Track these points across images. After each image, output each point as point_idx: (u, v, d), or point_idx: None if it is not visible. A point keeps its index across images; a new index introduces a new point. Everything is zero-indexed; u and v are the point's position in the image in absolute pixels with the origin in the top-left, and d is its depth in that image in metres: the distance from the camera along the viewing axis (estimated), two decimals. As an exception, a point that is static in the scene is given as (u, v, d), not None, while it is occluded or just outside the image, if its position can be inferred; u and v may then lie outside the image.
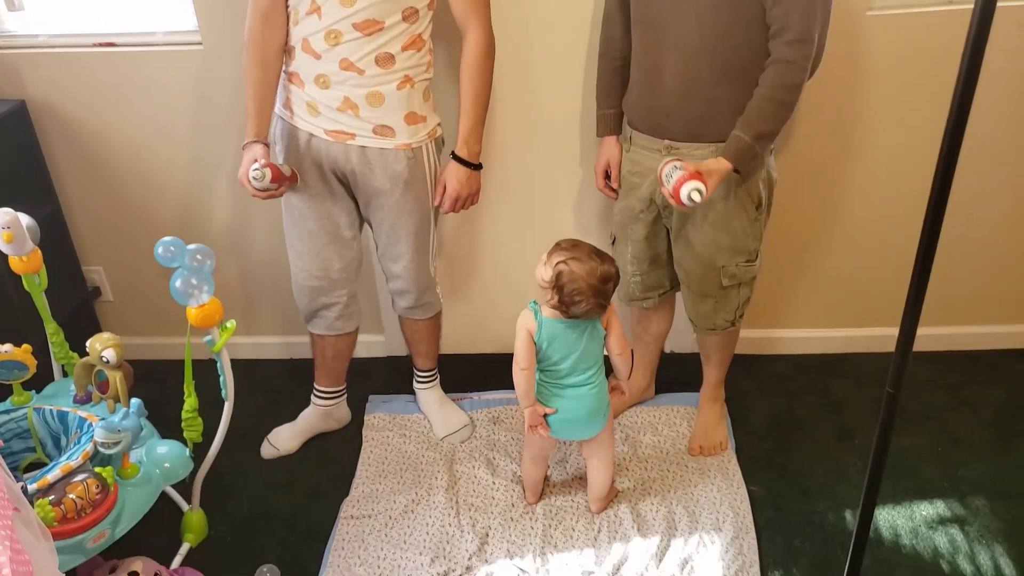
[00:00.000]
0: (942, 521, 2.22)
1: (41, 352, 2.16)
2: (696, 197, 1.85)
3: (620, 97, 2.23)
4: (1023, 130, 2.49)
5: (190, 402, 2.03)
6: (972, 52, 1.14)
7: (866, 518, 1.58)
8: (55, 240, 2.59)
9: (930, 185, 1.28)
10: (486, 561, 2.16)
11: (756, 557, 2.13)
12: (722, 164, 1.96)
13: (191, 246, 1.88)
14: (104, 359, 1.99)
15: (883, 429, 1.45)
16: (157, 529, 2.13)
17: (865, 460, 1.64)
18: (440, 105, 2.26)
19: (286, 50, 2.10)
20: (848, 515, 2.24)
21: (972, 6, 1.13)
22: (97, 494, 1.78)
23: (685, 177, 1.87)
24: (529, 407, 2.10)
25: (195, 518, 2.24)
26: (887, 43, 2.35)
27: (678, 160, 1.95)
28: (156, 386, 2.39)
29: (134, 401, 1.95)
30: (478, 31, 2.11)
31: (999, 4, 1.14)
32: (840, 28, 2.24)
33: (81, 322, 2.72)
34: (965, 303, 2.78)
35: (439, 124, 2.24)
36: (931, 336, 2.72)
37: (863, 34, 2.33)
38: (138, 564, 1.96)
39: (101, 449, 1.85)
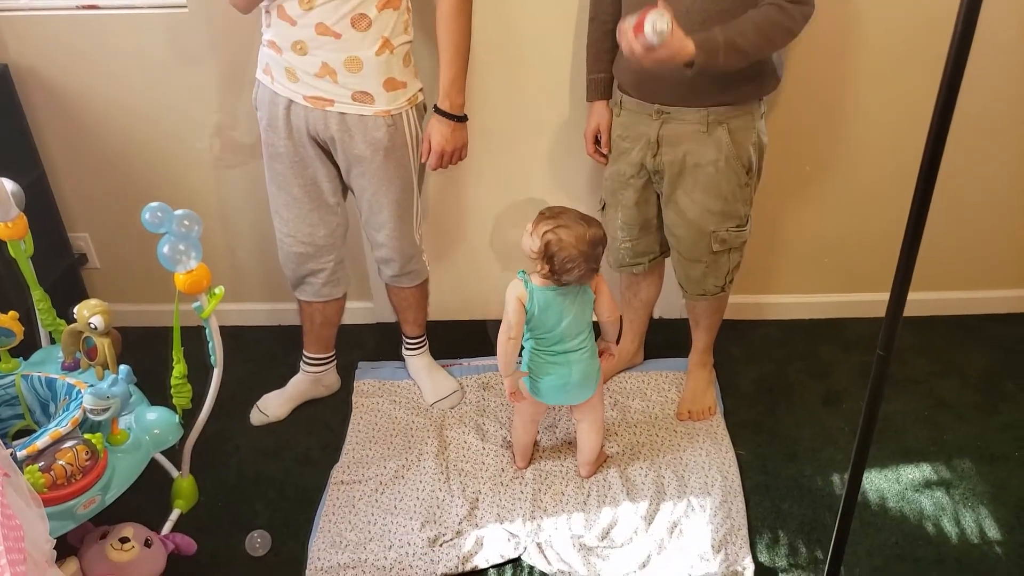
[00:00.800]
0: (928, 484, 2.24)
1: (27, 320, 2.14)
2: (661, 26, 1.72)
3: (610, 61, 2.21)
4: (1014, 98, 2.49)
5: (179, 368, 2.02)
6: (967, 14, 1.13)
7: (855, 479, 1.59)
8: (40, 206, 2.56)
9: (921, 150, 1.27)
10: (476, 525, 2.17)
11: (744, 520, 2.15)
12: (685, 44, 1.83)
13: (178, 211, 1.86)
14: (92, 325, 1.98)
15: (873, 391, 1.46)
16: (147, 496, 2.13)
17: (852, 424, 1.65)
18: (422, 69, 2.23)
19: (264, 17, 2.07)
20: (835, 478, 2.26)
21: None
22: (87, 460, 1.77)
23: (647, 9, 1.75)
24: (509, 376, 2.11)
25: (185, 484, 2.24)
26: (878, 2, 2.33)
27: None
28: (144, 353, 2.38)
29: (122, 367, 1.94)
30: None
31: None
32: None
33: (67, 289, 2.70)
34: (951, 268, 2.80)
35: (421, 90, 2.20)
36: (917, 301, 2.72)
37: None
38: (129, 530, 1.96)
39: (90, 415, 1.84)
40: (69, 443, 1.78)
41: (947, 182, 2.47)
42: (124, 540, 1.93)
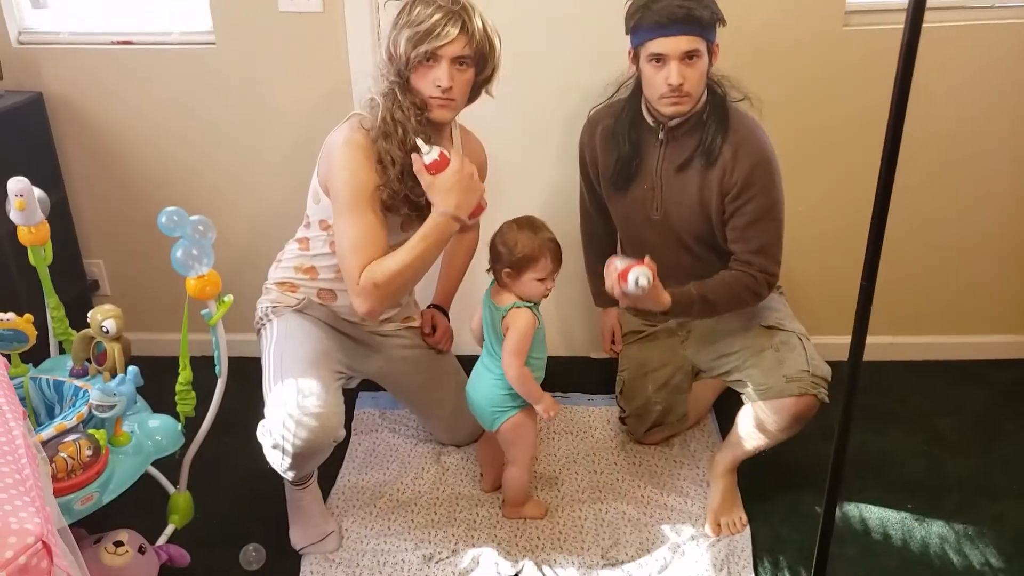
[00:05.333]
0: (929, 516, 2.23)
1: (39, 328, 2.17)
2: (643, 282, 1.90)
3: None
4: (1008, 147, 2.57)
5: (184, 375, 2.02)
6: (904, 64, 1.25)
7: (838, 470, 1.58)
8: (58, 230, 2.59)
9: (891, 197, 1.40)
10: (472, 545, 2.15)
11: (749, 542, 2.16)
12: (663, 297, 2.02)
13: (193, 217, 1.89)
14: (104, 329, 2.01)
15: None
16: (143, 511, 2.11)
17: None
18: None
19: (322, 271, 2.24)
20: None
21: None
22: (89, 455, 1.78)
23: (633, 264, 1.93)
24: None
25: (181, 499, 2.21)
26: (862, 58, 2.43)
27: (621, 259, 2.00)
28: (150, 380, 2.38)
29: (131, 368, 1.94)
30: (475, 231, 2.43)
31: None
32: (816, 41, 2.34)
33: (77, 314, 2.71)
34: (950, 313, 2.83)
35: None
36: (917, 345, 2.78)
37: (838, 49, 2.43)
38: (123, 535, 1.94)
39: (96, 412, 1.85)
40: (72, 436, 1.79)
41: (945, 228, 2.55)
42: (118, 544, 1.92)
